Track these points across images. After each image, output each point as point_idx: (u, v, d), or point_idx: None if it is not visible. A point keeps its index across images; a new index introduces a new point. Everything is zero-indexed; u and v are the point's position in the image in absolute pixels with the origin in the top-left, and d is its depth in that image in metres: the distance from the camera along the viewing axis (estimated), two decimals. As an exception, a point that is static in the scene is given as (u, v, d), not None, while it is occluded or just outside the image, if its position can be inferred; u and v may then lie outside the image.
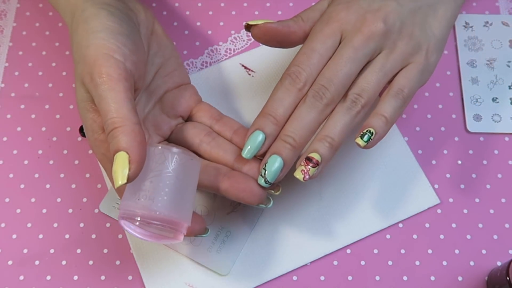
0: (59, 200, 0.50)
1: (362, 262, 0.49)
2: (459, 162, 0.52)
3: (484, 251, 0.49)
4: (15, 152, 0.52)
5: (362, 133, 0.43)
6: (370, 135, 0.42)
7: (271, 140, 0.43)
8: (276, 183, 0.44)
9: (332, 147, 0.42)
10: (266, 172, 0.42)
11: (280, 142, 0.43)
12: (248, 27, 0.45)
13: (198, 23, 0.57)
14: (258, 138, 0.43)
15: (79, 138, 0.52)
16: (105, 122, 0.39)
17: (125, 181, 0.38)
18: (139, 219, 0.40)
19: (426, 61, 0.44)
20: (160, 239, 0.41)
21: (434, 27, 0.45)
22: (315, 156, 0.42)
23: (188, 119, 0.49)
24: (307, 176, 0.42)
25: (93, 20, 0.42)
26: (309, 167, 0.42)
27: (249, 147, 0.43)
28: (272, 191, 0.44)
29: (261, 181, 0.43)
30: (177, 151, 0.41)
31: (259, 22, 0.45)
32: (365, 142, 0.42)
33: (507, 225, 0.50)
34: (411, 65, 0.44)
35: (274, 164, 0.42)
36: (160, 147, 0.41)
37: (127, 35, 0.43)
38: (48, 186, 0.51)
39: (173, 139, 0.48)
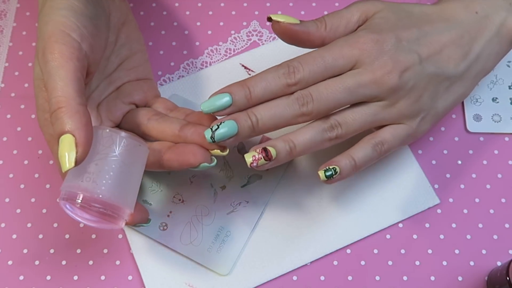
0: (59, 200, 0.50)
1: (362, 262, 0.49)
2: (459, 162, 0.52)
3: (484, 251, 0.49)
4: (15, 152, 0.52)
5: (327, 168, 0.43)
6: (333, 173, 0.43)
7: (235, 110, 0.42)
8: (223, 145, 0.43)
9: (290, 153, 0.42)
10: (218, 129, 0.42)
11: (244, 115, 0.42)
12: (269, 19, 0.45)
13: (198, 23, 0.57)
14: (223, 98, 0.42)
15: (79, 138, 0.52)
16: (49, 100, 0.38)
17: (72, 165, 0.37)
18: (80, 201, 0.39)
19: (417, 128, 0.45)
20: (100, 223, 0.40)
21: (442, 99, 0.45)
22: (272, 151, 0.42)
23: None
24: (254, 164, 0.42)
25: None
26: (261, 156, 0.42)
27: (210, 102, 0.42)
28: (219, 151, 0.43)
29: (208, 134, 0.42)
30: (125, 135, 0.40)
31: (281, 19, 0.44)
32: (326, 177, 0.43)
33: (507, 225, 0.50)
34: (401, 125, 0.44)
35: (228, 128, 0.42)
36: (108, 130, 0.40)
37: (90, 18, 0.42)
38: (48, 186, 0.51)
39: (123, 122, 0.47)
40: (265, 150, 0.42)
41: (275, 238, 0.49)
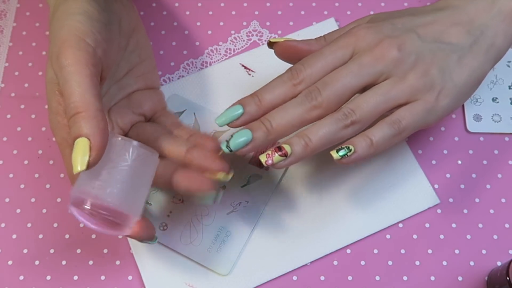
0: (59, 200, 0.50)
1: (362, 262, 0.49)
2: (459, 162, 0.52)
3: (484, 251, 0.49)
4: (15, 152, 0.52)
5: (340, 147, 0.42)
6: (347, 150, 0.42)
7: (248, 118, 0.43)
8: (229, 168, 0.44)
9: (306, 147, 0.42)
10: (232, 138, 0.42)
11: (257, 122, 0.43)
12: (270, 44, 0.47)
13: (198, 23, 0.57)
14: (236, 110, 0.43)
15: (79, 138, 0.52)
16: (67, 105, 0.38)
17: (84, 167, 0.37)
18: (88, 207, 0.39)
19: (436, 102, 0.43)
20: (107, 230, 0.41)
21: (455, 72, 0.44)
22: (286, 147, 0.42)
23: (150, 120, 0.49)
24: (269, 161, 0.42)
25: (74, 3, 0.42)
26: (275, 153, 0.42)
27: (224, 116, 0.43)
28: (224, 174, 0.43)
29: (224, 145, 0.43)
30: (138, 144, 0.41)
31: (281, 39, 0.46)
32: (339, 156, 0.42)
33: (507, 225, 0.50)
34: (418, 101, 0.43)
35: (242, 136, 0.42)
36: (120, 138, 0.41)
37: (104, 24, 0.42)
38: (48, 186, 0.51)
39: (130, 133, 0.47)
40: (278, 147, 0.42)
41: (275, 238, 0.49)
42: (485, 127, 0.53)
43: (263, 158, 0.42)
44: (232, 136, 0.42)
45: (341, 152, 0.42)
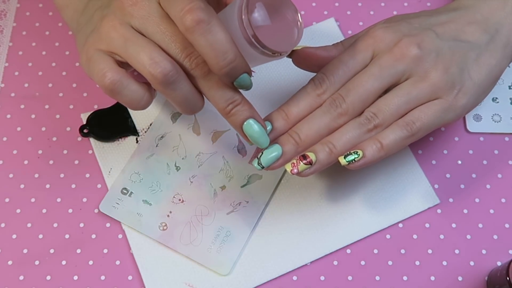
0: (59, 200, 0.50)
1: (362, 262, 0.49)
2: (459, 162, 0.52)
3: (484, 251, 0.49)
4: (15, 152, 0.52)
5: (348, 152, 0.42)
6: (355, 156, 0.42)
7: (277, 134, 0.43)
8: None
9: (331, 154, 0.42)
10: (262, 155, 0.42)
11: (285, 136, 0.43)
12: (289, 54, 0.46)
13: (198, 23, 0.57)
14: (267, 127, 0.43)
15: (79, 138, 0.52)
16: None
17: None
18: None
19: (454, 101, 0.43)
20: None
21: (473, 70, 0.44)
22: (311, 155, 0.42)
23: None
24: (295, 170, 0.42)
25: None
26: (300, 162, 0.42)
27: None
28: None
29: (255, 163, 0.43)
30: None
31: (298, 47, 0.45)
32: (346, 162, 0.42)
33: (507, 225, 0.50)
34: (435, 100, 0.43)
35: (272, 151, 0.42)
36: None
37: None
38: (48, 186, 0.51)
39: None
40: (303, 156, 0.42)
41: (275, 238, 0.49)
42: (485, 127, 0.53)
43: (288, 167, 0.42)
44: (262, 152, 0.42)
45: (349, 158, 0.42)
